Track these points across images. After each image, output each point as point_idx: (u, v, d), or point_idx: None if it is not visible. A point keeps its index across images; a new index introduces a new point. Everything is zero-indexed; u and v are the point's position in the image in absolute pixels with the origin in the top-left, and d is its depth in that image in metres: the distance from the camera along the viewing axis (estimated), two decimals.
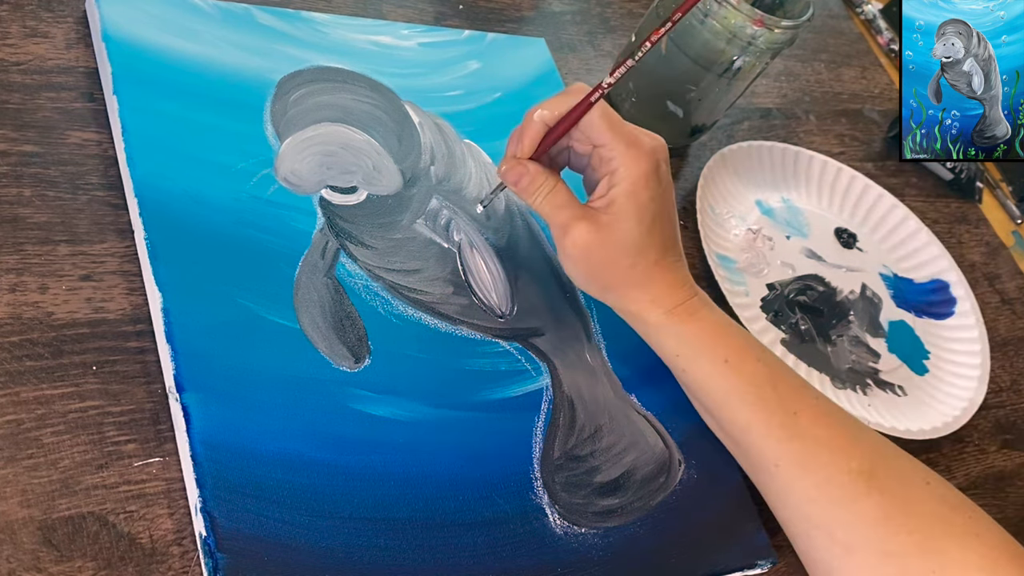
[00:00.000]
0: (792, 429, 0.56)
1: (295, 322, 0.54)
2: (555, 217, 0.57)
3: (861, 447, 0.56)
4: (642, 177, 0.56)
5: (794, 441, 0.56)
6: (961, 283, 0.83)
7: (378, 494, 0.51)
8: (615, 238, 0.56)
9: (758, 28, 0.68)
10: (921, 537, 0.54)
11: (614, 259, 0.57)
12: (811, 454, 0.56)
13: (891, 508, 0.54)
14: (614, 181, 0.56)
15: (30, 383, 0.48)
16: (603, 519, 0.56)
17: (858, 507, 0.54)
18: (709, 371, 0.57)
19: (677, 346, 0.58)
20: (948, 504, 0.56)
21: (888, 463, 0.56)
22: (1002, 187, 1.00)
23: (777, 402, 0.56)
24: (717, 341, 0.58)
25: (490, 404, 0.57)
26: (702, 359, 0.58)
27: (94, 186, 0.55)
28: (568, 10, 0.83)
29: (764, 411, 0.56)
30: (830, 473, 0.55)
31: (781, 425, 0.56)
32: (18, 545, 0.44)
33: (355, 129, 0.62)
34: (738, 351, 0.58)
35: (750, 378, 0.57)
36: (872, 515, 0.54)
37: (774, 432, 0.56)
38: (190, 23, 0.61)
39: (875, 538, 0.54)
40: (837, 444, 0.56)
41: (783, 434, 0.56)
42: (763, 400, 0.56)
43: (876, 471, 0.55)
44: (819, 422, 0.56)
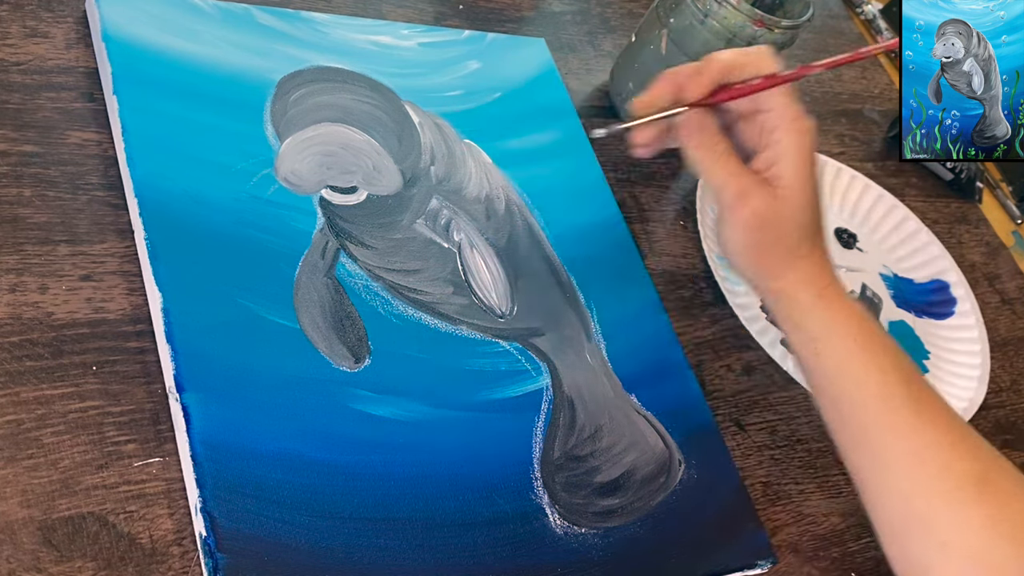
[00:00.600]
0: (914, 425, 0.55)
1: (295, 322, 0.54)
2: (732, 182, 0.54)
3: (977, 453, 0.56)
4: (809, 153, 0.54)
5: (913, 437, 0.55)
6: (961, 283, 0.83)
7: (378, 494, 0.51)
8: (789, 212, 0.54)
9: (758, 28, 0.68)
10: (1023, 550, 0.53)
11: (786, 233, 0.55)
12: (929, 452, 0.55)
13: (999, 516, 0.54)
14: (779, 155, 0.54)
15: (30, 383, 0.48)
16: (603, 519, 0.56)
17: (966, 510, 0.54)
18: (845, 358, 0.56)
19: (819, 329, 0.57)
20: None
21: (1001, 472, 0.56)
22: (1002, 187, 1.00)
23: (906, 396, 0.56)
24: (858, 329, 0.57)
25: (490, 404, 0.57)
26: (840, 345, 0.56)
27: (94, 186, 0.55)
28: (568, 10, 0.83)
29: (891, 403, 0.56)
30: (943, 472, 0.55)
31: (905, 420, 0.55)
32: (18, 545, 0.44)
33: (355, 129, 0.62)
34: (871, 340, 0.57)
35: (884, 370, 0.56)
36: (979, 520, 0.54)
37: (897, 426, 0.55)
38: (190, 23, 0.61)
39: (978, 543, 0.54)
40: (956, 446, 0.55)
41: (905, 429, 0.55)
42: (892, 394, 0.56)
43: (989, 477, 0.55)
44: (940, 422, 0.56)
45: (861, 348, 0.56)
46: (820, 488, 0.67)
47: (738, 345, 0.70)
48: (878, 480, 0.57)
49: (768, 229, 0.55)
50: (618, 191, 0.73)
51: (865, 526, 0.66)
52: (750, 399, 0.68)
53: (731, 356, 0.70)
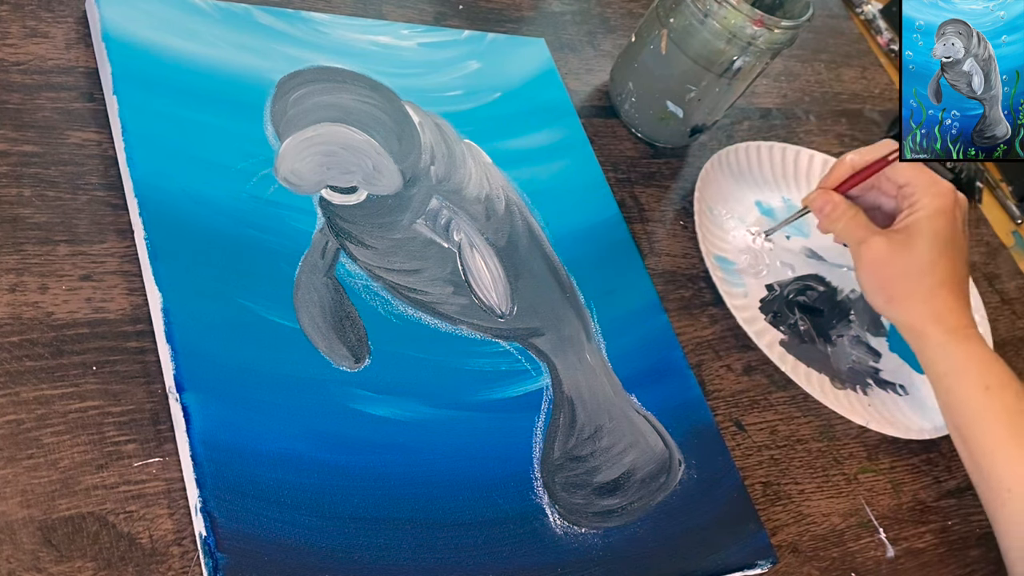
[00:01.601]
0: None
1: (295, 322, 0.54)
2: (855, 233, 0.66)
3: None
4: (940, 209, 0.64)
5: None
6: None
7: (378, 494, 0.51)
8: (906, 253, 0.64)
9: (758, 28, 0.68)
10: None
11: (904, 271, 0.64)
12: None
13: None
14: (914, 209, 0.64)
15: (30, 383, 0.48)
16: (603, 519, 0.56)
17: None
18: (970, 394, 0.62)
19: (947, 365, 0.63)
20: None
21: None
22: (1002, 187, 1.00)
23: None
24: (985, 368, 0.63)
25: (490, 404, 0.57)
26: (967, 382, 0.62)
27: (94, 186, 0.55)
28: (568, 10, 0.83)
29: (1012, 438, 0.60)
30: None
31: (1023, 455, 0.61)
32: (18, 545, 0.44)
33: (355, 129, 0.62)
34: (1001, 380, 0.62)
35: (1006, 407, 0.61)
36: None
37: (1015, 458, 0.60)
38: (190, 23, 0.61)
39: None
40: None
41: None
42: (1013, 428, 0.61)
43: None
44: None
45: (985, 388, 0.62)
46: (820, 488, 0.67)
47: (738, 345, 0.70)
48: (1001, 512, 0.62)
49: (883, 267, 0.65)
50: (618, 191, 0.73)
51: (865, 526, 0.66)
52: (750, 399, 0.68)
53: (731, 356, 0.70)
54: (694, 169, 0.79)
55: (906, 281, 0.65)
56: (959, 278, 0.65)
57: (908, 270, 0.64)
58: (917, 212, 0.65)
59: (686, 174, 0.79)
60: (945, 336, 0.64)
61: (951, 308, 0.64)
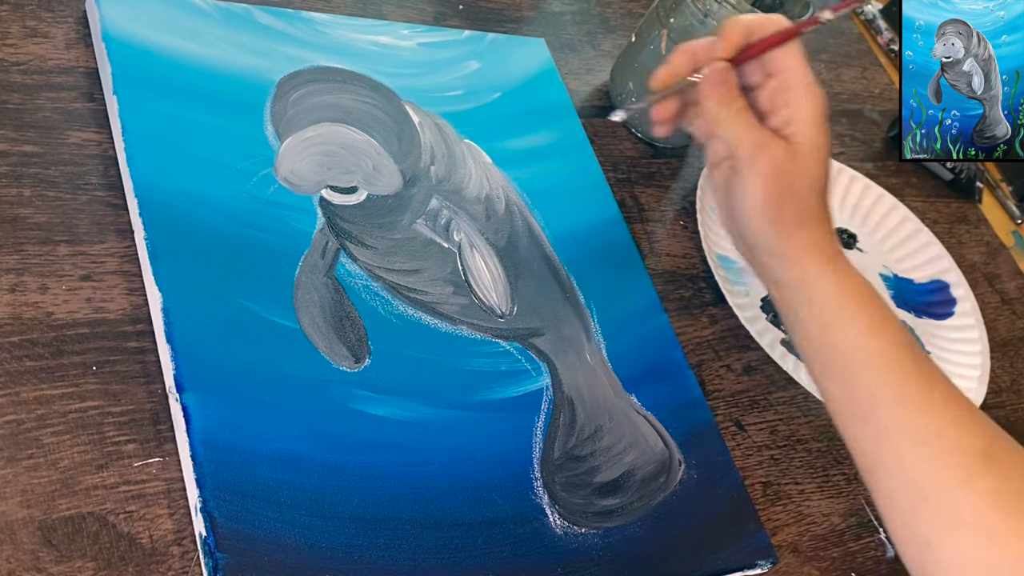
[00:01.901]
0: (924, 402, 0.55)
1: (295, 322, 0.54)
2: (750, 134, 0.54)
3: (983, 430, 0.55)
4: (823, 115, 0.55)
5: (923, 414, 0.55)
6: (961, 283, 0.83)
7: (378, 494, 0.51)
8: (807, 167, 0.55)
9: None
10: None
11: (800, 186, 0.55)
12: (937, 427, 0.55)
13: (1005, 492, 0.53)
14: (795, 115, 0.55)
15: (30, 383, 0.48)
16: (603, 519, 0.56)
17: (973, 485, 0.54)
18: (851, 330, 0.56)
19: (827, 298, 0.56)
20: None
21: (1008, 449, 0.56)
22: (1002, 187, 1.00)
23: (916, 373, 0.56)
24: (866, 300, 0.56)
25: (490, 404, 0.57)
26: (848, 316, 0.56)
27: (94, 186, 0.55)
28: (568, 10, 0.83)
29: (902, 380, 0.55)
30: (951, 449, 0.54)
31: (915, 397, 0.55)
32: (18, 545, 0.44)
33: (355, 129, 0.62)
34: (882, 314, 0.56)
35: (893, 345, 0.56)
36: (985, 496, 0.53)
37: (906, 401, 0.55)
38: (190, 23, 0.61)
39: (985, 518, 0.53)
40: (962, 423, 0.55)
41: (915, 406, 0.55)
42: (903, 370, 0.55)
43: (996, 454, 0.54)
44: (949, 399, 0.56)
45: (873, 324, 0.56)
46: (820, 488, 0.67)
47: (738, 345, 0.70)
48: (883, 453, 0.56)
49: (784, 180, 0.55)
50: (618, 191, 0.73)
51: (865, 526, 0.66)
52: (750, 399, 0.68)
53: (731, 356, 0.70)
54: (694, 169, 0.79)
55: (797, 200, 0.55)
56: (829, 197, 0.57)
57: (804, 187, 0.55)
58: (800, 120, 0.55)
59: (686, 174, 0.79)
60: (824, 266, 0.56)
61: (828, 232, 0.56)
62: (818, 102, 0.55)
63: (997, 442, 0.55)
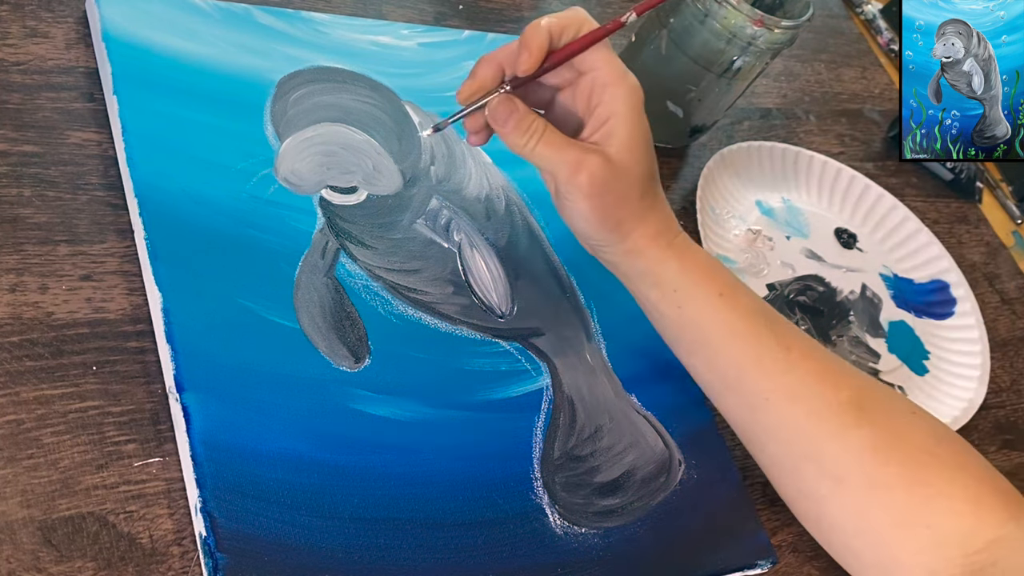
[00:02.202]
0: (785, 363, 0.56)
1: (295, 322, 0.54)
2: (561, 157, 0.53)
3: (849, 380, 0.57)
4: (638, 106, 0.55)
5: (787, 374, 0.56)
6: (961, 283, 0.83)
7: (378, 494, 0.51)
8: (628, 169, 0.54)
9: (758, 28, 0.68)
10: (908, 469, 0.54)
11: (628, 192, 0.55)
12: (803, 385, 0.56)
13: (880, 440, 0.55)
14: (610, 111, 0.54)
15: (30, 383, 0.48)
16: (603, 519, 0.56)
17: (848, 437, 0.55)
18: (704, 305, 0.57)
19: (676, 279, 0.57)
20: (935, 436, 0.56)
21: (876, 396, 0.57)
22: (1002, 187, 1.00)
23: (771, 336, 0.57)
24: (712, 275, 0.57)
25: (490, 404, 0.57)
26: (698, 293, 0.57)
27: (94, 186, 0.55)
28: None
29: (758, 345, 0.56)
30: (820, 405, 0.55)
31: (774, 359, 0.56)
32: (18, 545, 0.44)
33: (355, 129, 0.62)
34: (731, 286, 0.57)
35: (744, 312, 0.57)
36: (862, 446, 0.55)
37: (767, 365, 0.56)
38: (190, 23, 0.61)
39: (864, 469, 0.55)
40: (827, 377, 0.56)
41: (776, 368, 0.56)
42: (757, 335, 0.56)
43: (864, 403, 0.56)
44: (809, 356, 0.57)
45: (723, 296, 0.57)
46: None
47: None
48: (757, 418, 0.58)
49: (609, 191, 0.54)
50: None
51: None
52: None
53: None
54: (694, 169, 0.79)
55: (629, 202, 0.55)
56: (658, 181, 0.57)
57: (630, 190, 0.54)
58: (616, 116, 0.53)
59: (686, 174, 0.79)
60: (665, 250, 0.56)
61: (666, 216, 0.57)
62: (631, 95, 0.54)
63: (864, 391, 0.56)
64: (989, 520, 0.53)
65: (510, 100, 0.53)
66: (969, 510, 0.53)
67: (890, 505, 0.54)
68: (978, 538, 0.52)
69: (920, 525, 0.53)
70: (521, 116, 0.53)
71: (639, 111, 0.55)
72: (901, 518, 0.54)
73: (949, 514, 0.53)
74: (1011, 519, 0.53)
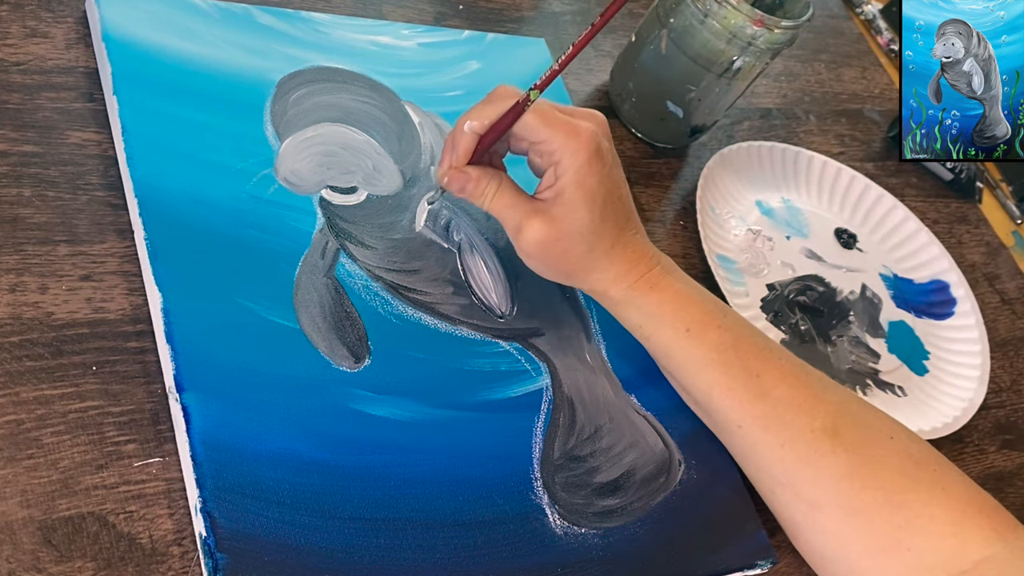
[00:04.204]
0: (755, 391, 0.57)
1: (295, 322, 0.54)
2: (507, 218, 0.57)
3: (825, 405, 0.57)
4: (585, 163, 0.55)
5: (757, 403, 0.57)
6: (961, 283, 0.83)
7: (378, 494, 0.51)
8: (569, 229, 0.56)
9: (758, 28, 0.68)
10: (886, 492, 0.54)
11: (570, 248, 0.57)
12: (774, 414, 0.57)
13: (855, 465, 0.55)
14: (559, 172, 0.56)
15: (30, 383, 0.48)
16: (603, 519, 0.56)
17: (822, 464, 0.55)
18: (671, 340, 0.58)
19: (639, 317, 0.59)
20: (913, 459, 0.56)
21: (852, 420, 0.57)
22: (1002, 187, 1.00)
23: (740, 366, 0.57)
24: (678, 311, 0.58)
25: (490, 404, 0.57)
26: (664, 329, 0.58)
27: (94, 186, 0.55)
28: (568, 10, 0.83)
29: (726, 375, 0.57)
30: (793, 432, 0.56)
31: (744, 388, 0.57)
32: (18, 545, 0.44)
33: (355, 129, 0.62)
34: (700, 319, 0.58)
35: (712, 344, 0.58)
36: (837, 472, 0.55)
37: (737, 395, 0.57)
38: (190, 23, 0.61)
39: (840, 495, 0.55)
40: (800, 403, 0.57)
41: (746, 396, 0.57)
42: (725, 364, 0.57)
43: (840, 428, 0.56)
44: (783, 382, 0.57)
45: (685, 330, 0.58)
46: None
47: None
48: (733, 445, 0.59)
49: (549, 250, 0.57)
50: None
51: None
52: None
53: None
54: (694, 169, 0.79)
55: (573, 257, 0.57)
56: (629, 225, 0.58)
57: (572, 247, 0.57)
58: (563, 175, 0.55)
59: (686, 174, 0.79)
60: (629, 292, 0.58)
61: (628, 261, 0.58)
62: (579, 152, 0.55)
63: (841, 416, 0.57)
64: (973, 540, 0.53)
65: (461, 171, 0.57)
66: (950, 531, 0.53)
67: (868, 530, 0.54)
68: (963, 559, 0.52)
69: (901, 549, 0.53)
70: (475, 183, 0.57)
71: (590, 165, 0.56)
72: (880, 544, 0.54)
73: (930, 536, 0.53)
74: (998, 538, 0.53)
